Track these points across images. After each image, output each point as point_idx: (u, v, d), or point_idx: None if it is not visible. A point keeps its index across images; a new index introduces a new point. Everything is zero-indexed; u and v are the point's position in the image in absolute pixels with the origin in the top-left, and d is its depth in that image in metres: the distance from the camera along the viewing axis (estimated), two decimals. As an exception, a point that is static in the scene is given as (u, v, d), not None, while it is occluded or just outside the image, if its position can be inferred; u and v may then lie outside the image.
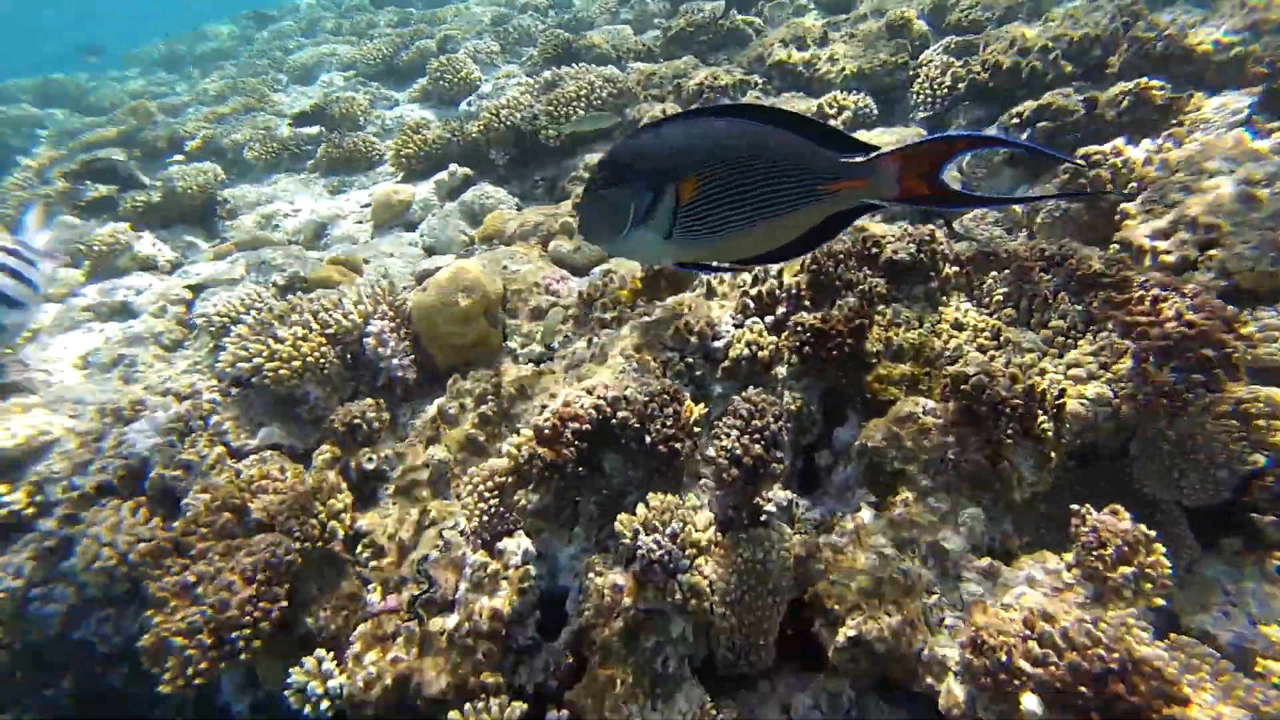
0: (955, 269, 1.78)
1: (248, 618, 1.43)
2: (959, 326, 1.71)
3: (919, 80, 3.04)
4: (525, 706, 1.36)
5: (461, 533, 1.68)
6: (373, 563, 1.68)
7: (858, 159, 1.04)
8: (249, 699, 2.41)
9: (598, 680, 1.33)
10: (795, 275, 1.91)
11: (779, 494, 1.62)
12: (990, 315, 1.70)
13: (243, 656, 1.43)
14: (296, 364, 2.26)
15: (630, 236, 1.08)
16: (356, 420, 1.95)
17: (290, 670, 1.46)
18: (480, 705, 1.34)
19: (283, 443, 2.27)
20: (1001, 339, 1.64)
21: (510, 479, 1.67)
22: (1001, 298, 1.71)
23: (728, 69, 3.67)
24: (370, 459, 1.88)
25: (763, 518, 1.56)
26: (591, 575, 1.48)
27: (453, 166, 3.65)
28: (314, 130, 4.81)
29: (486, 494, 1.80)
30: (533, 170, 3.70)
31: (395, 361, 2.25)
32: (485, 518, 1.75)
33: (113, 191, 4.05)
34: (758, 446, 1.42)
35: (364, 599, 1.62)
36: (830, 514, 1.58)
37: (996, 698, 1.08)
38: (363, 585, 1.65)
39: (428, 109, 4.88)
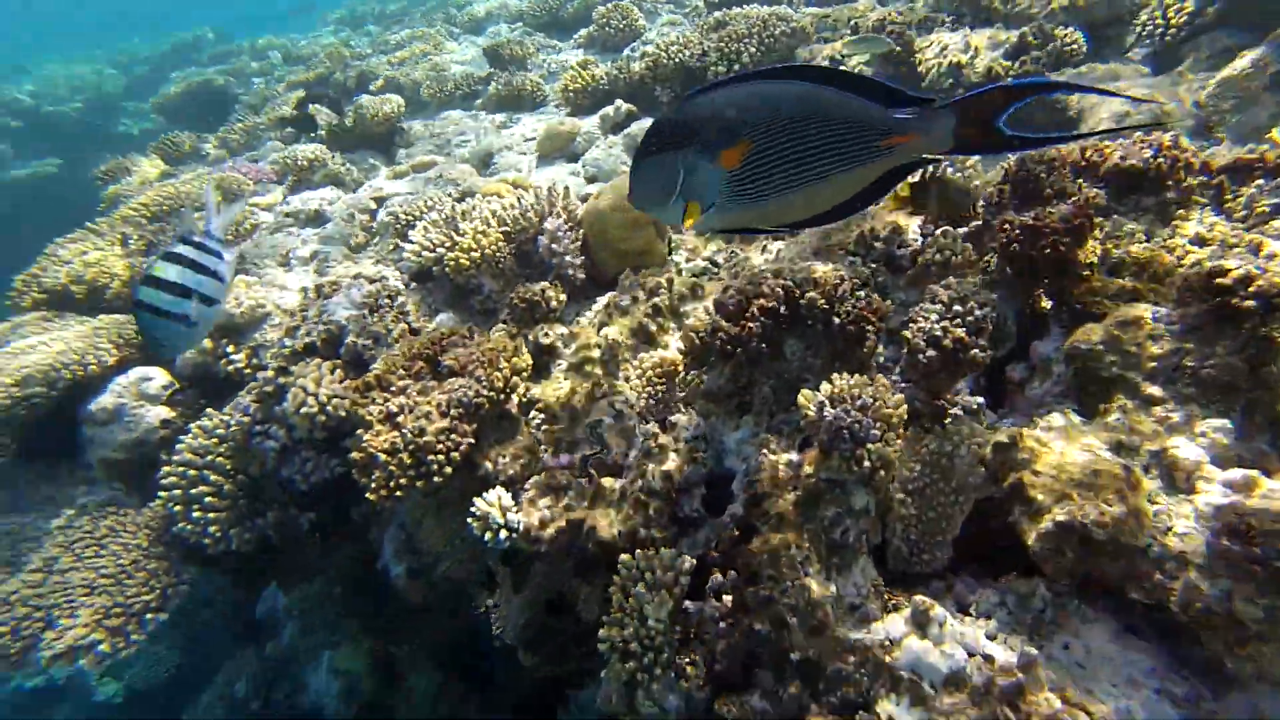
0: (1200, 179, 1.58)
1: (441, 445, 1.55)
2: (1200, 241, 1.52)
3: (1149, 8, 2.72)
4: (694, 562, 1.38)
5: (631, 406, 1.72)
6: (545, 426, 1.76)
7: (910, 113, 1.00)
8: (406, 564, 2.63)
9: (770, 542, 1.32)
10: (995, 185, 1.78)
11: (967, 398, 1.53)
12: (1247, 230, 1.50)
13: (435, 479, 1.55)
14: (475, 255, 2.40)
15: (676, 205, 1.06)
16: (535, 298, 2.04)
17: (474, 500, 1.56)
18: (650, 553, 1.37)
19: (456, 328, 2.43)
20: (1265, 253, 1.45)
21: (685, 360, 1.69)
22: (1269, 209, 1.51)
23: (909, 4, 3.48)
24: (546, 333, 1.97)
25: (947, 421, 1.48)
26: (765, 453, 1.46)
27: (618, 102, 3.72)
28: (483, 72, 5.08)
29: (655, 379, 1.84)
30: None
31: (567, 259, 2.34)
32: (653, 401, 1.79)
33: (324, 116, 4.48)
34: (959, 330, 1.35)
35: (537, 454, 1.71)
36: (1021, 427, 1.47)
37: (1269, 587, 0.96)
38: (535, 443, 1.74)
39: (591, 54, 5.00)
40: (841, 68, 3.02)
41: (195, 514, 2.44)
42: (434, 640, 3.45)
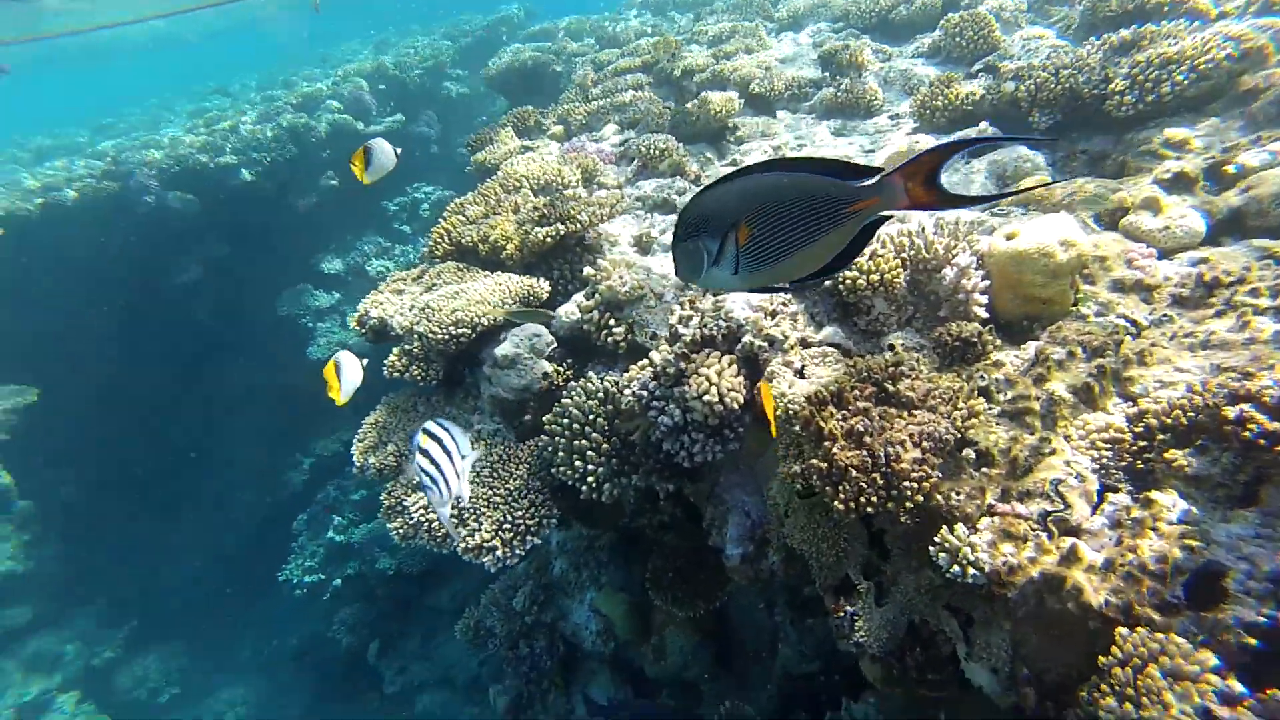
0: None
1: (915, 473, 1.66)
2: None
3: None
4: (1217, 661, 1.34)
5: (1086, 470, 1.70)
6: (982, 469, 1.80)
7: (868, 182, 1.26)
8: (743, 549, 2.84)
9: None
10: None
11: None
12: None
13: (907, 504, 1.67)
14: (874, 278, 2.48)
15: (709, 275, 1.38)
16: (972, 339, 2.07)
17: (943, 533, 1.66)
18: (1162, 636, 1.36)
19: (841, 343, 2.55)
20: None
21: (1160, 435, 1.63)
22: None
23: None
24: (982, 375, 2.00)
25: None
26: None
27: (982, 125, 3.57)
28: (813, 73, 5.12)
29: (1100, 444, 1.79)
30: (1075, 139, 3.44)
31: (975, 296, 2.33)
32: (1099, 468, 1.75)
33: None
34: None
35: (984, 497, 1.76)
36: None
37: None
38: (980, 485, 1.79)
39: (931, 65, 4.82)
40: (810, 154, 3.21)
41: (576, 462, 2.84)
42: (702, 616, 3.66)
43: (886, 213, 1.30)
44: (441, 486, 1.87)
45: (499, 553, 2.88)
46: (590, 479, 2.80)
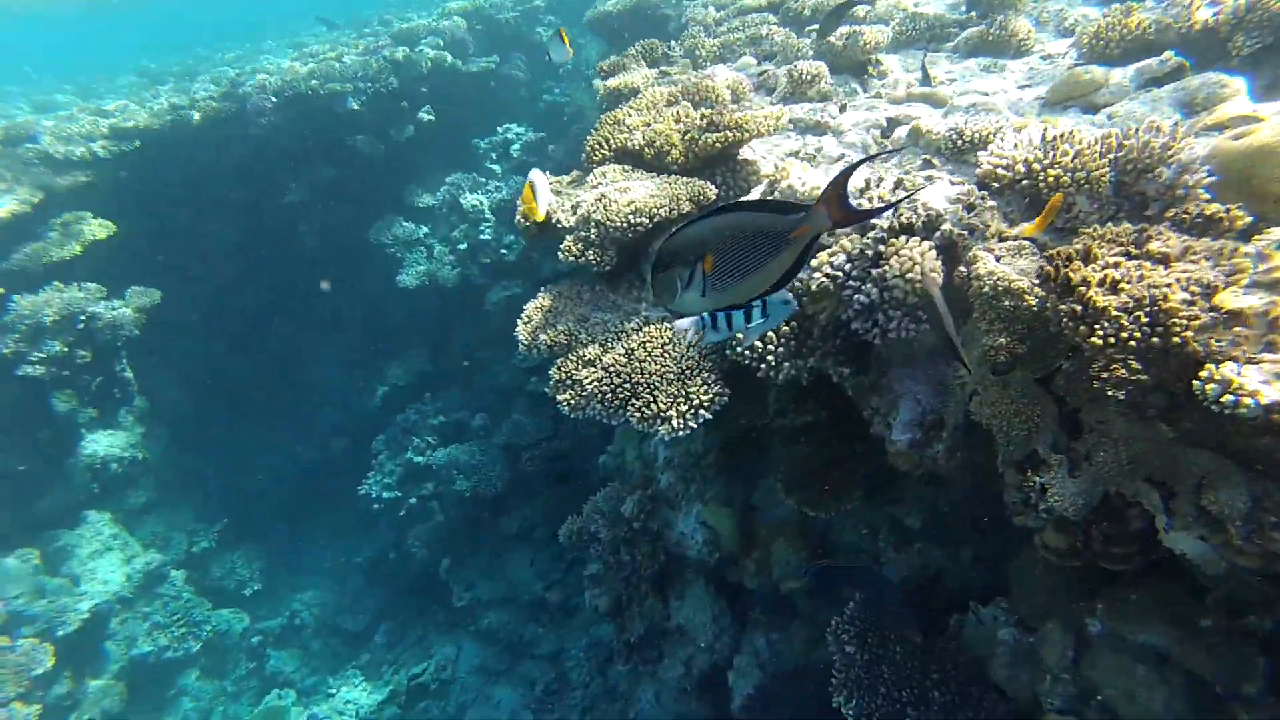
0: None
1: (1183, 312, 1.77)
2: None
3: None
4: None
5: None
6: (1236, 328, 1.88)
7: (800, 215, 1.53)
8: (911, 435, 2.97)
9: None
10: None
11: None
12: None
13: (1174, 340, 1.78)
14: (1080, 175, 2.56)
15: (681, 298, 1.65)
16: (1217, 215, 2.14)
17: (1207, 369, 1.75)
18: None
19: (1036, 238, 2.64)
20: None
21: None
22: None
23: None
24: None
25: None
26: None
27: (1166, 54, 3.57)
28: (955, 15, 5.11)
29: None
30: None
31: (1199, 192, 2.38)
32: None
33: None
34: None
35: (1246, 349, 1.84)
36: None
37: None
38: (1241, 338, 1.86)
39: (1090, 5, 4.78)
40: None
41: (757, 343, 3.01)
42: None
43: (820, 233, 1.59)
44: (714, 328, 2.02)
45: (674, 423, 3.07)
46: (770, 358, 2.97)
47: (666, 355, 3.26)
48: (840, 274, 2.73)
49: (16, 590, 6.70)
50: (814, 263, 2.93)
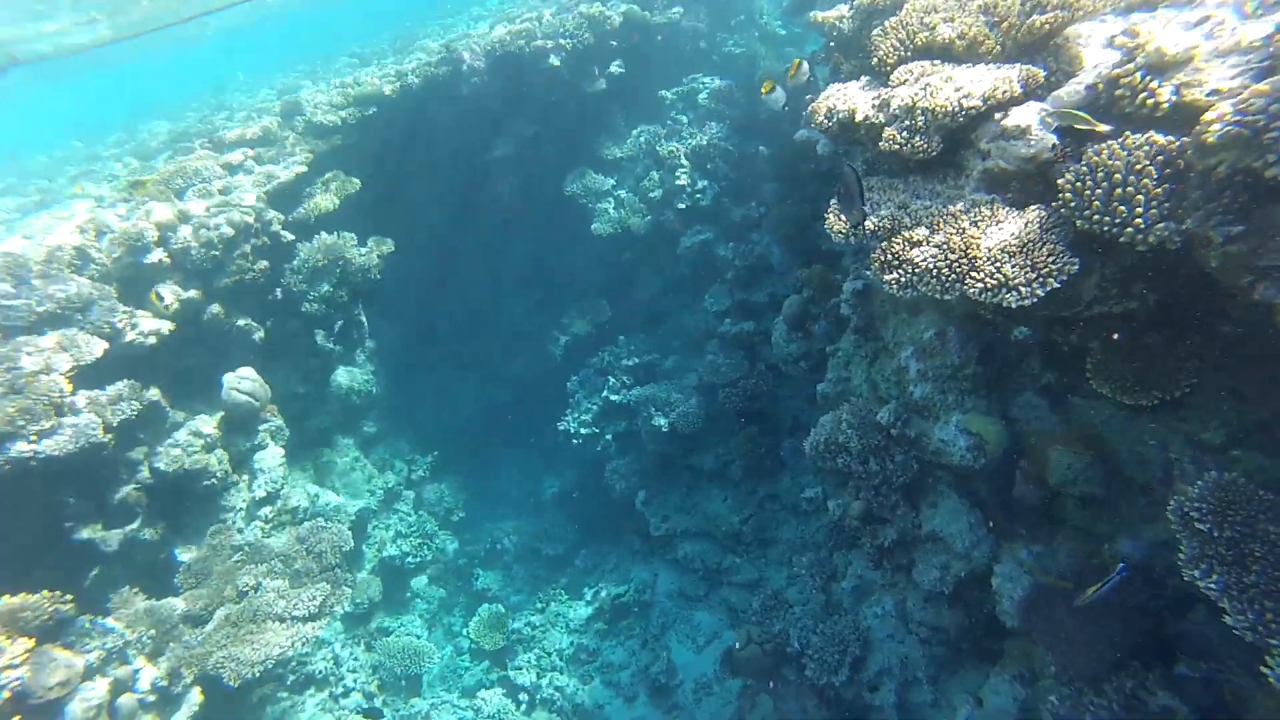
0: None
1: None
2: None
3: None
4: None
5: None
6: None
7: None
8: None
9: None
10: None
11: None
12: None
13: None
14: None
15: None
16: None
17: None
18: None
19: None
20: None
21: None
22: None
23: None
24: None
25: None
26: None
27: None
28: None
29: None
30: None
31: None
32: None
33: None
34: None
35: None
36: None
37: None
38: None
39: None
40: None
41: (1115, 208, 3.01)
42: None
43: None
44: None
45: (1022, 290, 3.15)
46: (1138, 220, 2.96)
47: (1003, 228, 3.33)
48: (1261, 117, 2.65)
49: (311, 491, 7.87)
50: (1208, 115, 2.87)
